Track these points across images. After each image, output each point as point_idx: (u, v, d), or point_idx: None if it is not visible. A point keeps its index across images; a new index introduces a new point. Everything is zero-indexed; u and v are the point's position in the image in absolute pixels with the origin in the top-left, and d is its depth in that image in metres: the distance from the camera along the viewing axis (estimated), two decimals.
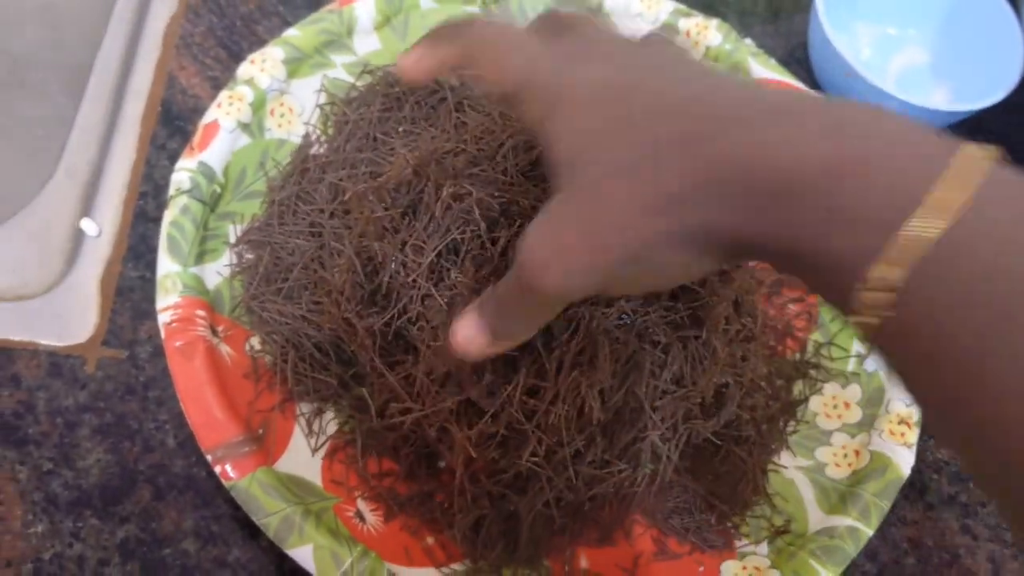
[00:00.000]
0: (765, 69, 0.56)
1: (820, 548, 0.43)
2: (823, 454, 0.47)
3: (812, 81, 0.62)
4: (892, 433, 0.47)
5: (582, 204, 0.29)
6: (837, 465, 0.47)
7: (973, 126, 0.62)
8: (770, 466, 0.47)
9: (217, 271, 0.46)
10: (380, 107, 0.50)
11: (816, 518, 0.45)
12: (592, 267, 0.29)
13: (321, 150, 0.51)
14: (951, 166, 0.23)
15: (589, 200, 0.28)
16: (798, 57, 0.64)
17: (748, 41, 0.57)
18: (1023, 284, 0.22)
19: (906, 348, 0.25)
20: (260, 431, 0.43)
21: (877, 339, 0.25)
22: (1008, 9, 0.61)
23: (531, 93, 0.32)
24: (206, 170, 0.47)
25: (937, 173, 0.23)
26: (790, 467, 0.47)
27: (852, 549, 0.43)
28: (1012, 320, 0.22)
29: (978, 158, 0.24)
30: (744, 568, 0.44)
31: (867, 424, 0.48)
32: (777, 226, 0.26)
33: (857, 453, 0.47)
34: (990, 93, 0.57)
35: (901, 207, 0.23)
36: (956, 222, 0.22)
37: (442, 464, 0.45)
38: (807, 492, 0.46)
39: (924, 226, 0.23)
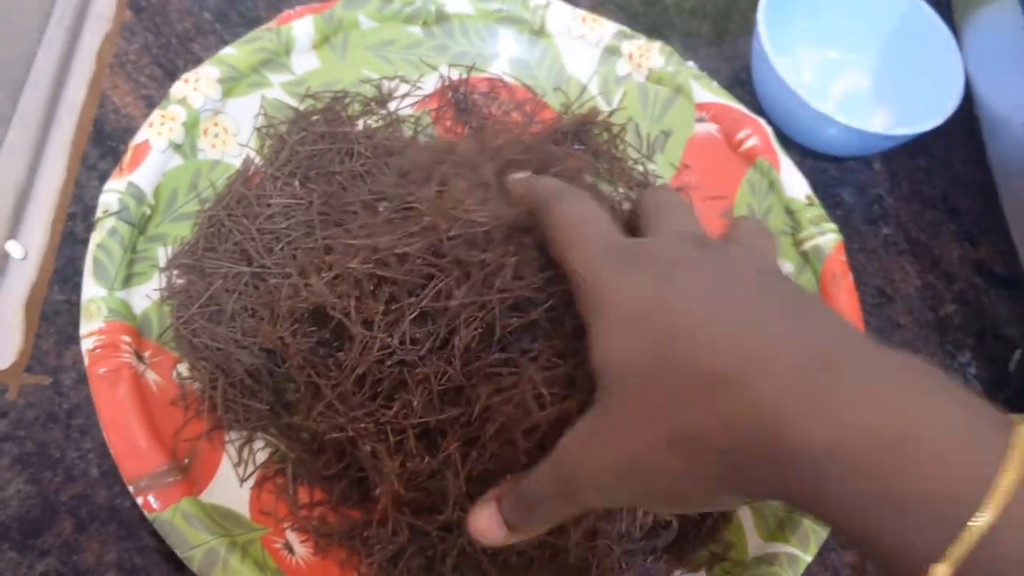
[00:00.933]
0: (707, 92, 0.56)
1: None
2: None
3: (755, 104, 0.62)
4: None
5: (617, 427, 0.29)
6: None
7: (914, 149, 0.63)
8: None
9: (146, 295, 0.45)
10: (326, 140, 0.50)
11: (754, 544, 0.45)
12: (626, 491, 0.30)
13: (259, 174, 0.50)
14: (1012, 452, 0.23)
15: (623, 425, 0.29)
16: (742, 79, 0.64)
17: (691, 64, 0.57)
18: None
19: None
20: (186, 461, 0.42)
21: None
22: (948, 35, 0.62)
23: (580, 289, 0.32)
24: (135, 191, 0.46)
25: (996, 463, 0.23)
26: None
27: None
28: None
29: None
30: None
31: None
32: (815, 502, 0.26)
33: None
34: (930, 117, 0.57)
35: (965, 503, 0.23)
36: (1004, 511, 0.22)
37: (376, 492, 0.44)
38: (746, 519, 0.46)
39: (983, 518, 0.22)
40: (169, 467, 0.40)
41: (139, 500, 0.39)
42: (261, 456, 0.44)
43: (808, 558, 0.44)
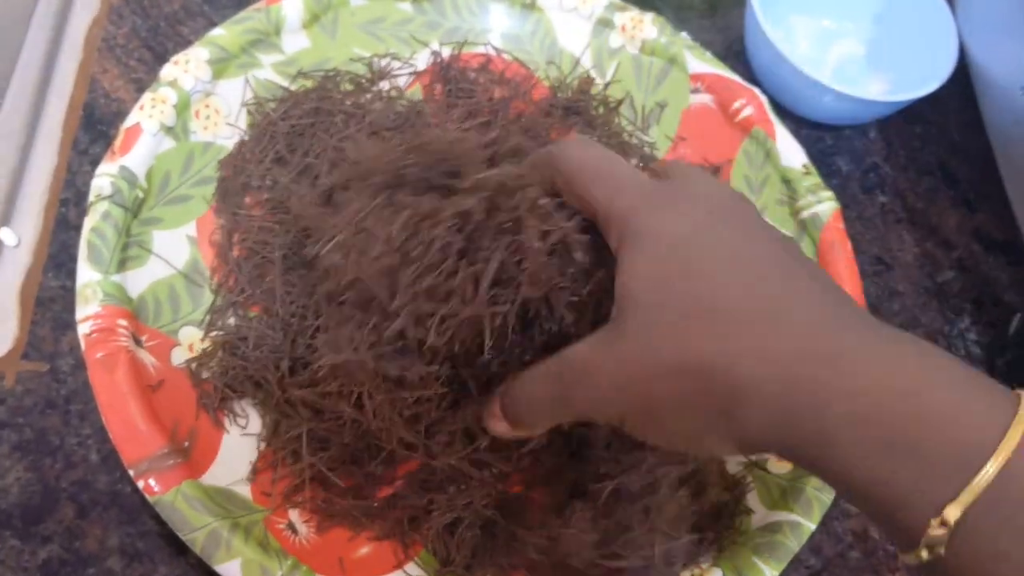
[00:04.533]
0: (701, 62, 0.56)
1: (762, 544, 0.43)
2: None
3: (750, 75, 0.61)
4: None
5: (628, 345, 0.30)
6: (779, 460, 0.46)
7: (909, 116, 0.62)
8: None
9: (140, 279, 0.45)
10: (313, 115, 0.50)
11: (758, 514, 0.45)
12: (621, 404, 0.31)
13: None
14: (1020, 415, 0.24)
15: (634, 345, 0.29)
16: (736, 51, 0.64)
17: (684, 35, 0.57)
18: None
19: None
20: (186, 443, 0.42)
21: (926, 569, 0.26)
22: (941, 1, 0.61)
23: (608, 224, 0.32)
24: (128, 175, 0.45)
25: (1006, 422, 0.24)
26: (731, 462, 0.47)
27: (794, 544, 0.43)
28: None
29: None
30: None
31: None
32: (825, 459, 0.27)
33: None
34: (925, 83, 0.57)
35: (977, 451, 0.24)
36: (1008, 465, 0.24)
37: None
38: (750, 491, 0.46)
39: (987, 473, 0.24)
40: (169, 450, 0.40)
41: (140, 484, 0.39)
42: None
43: (812, 525, 0.44)
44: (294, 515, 0.42)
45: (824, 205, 0.52)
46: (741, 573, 0.42)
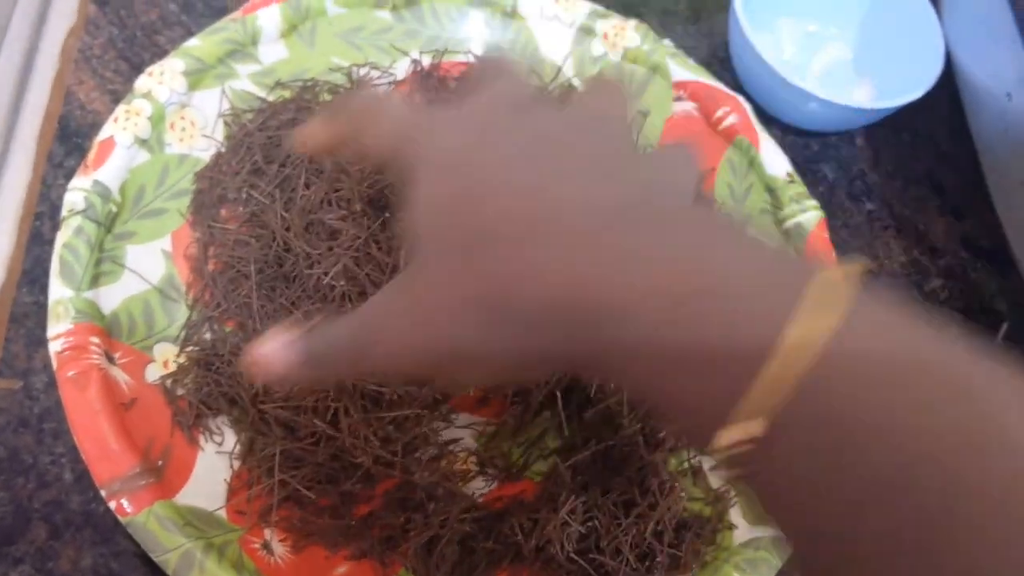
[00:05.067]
0: (684, 70, 0.55)
1: (744, 561, 0.42)
2: None
3: (734, 81, 0.61)
4: None
5: (417, 288, 0.28)
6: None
7: (896, 123, 0.62)
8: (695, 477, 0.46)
9: (114, 295, 0.44)
10: (290, 125, 0.49)
11: (741, 529, 0.44)
12: (422, 354, 0.28)
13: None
14: (805, 298, 0.22)
15: (423, 287, 0.27)
16: (720, 57, 0.63)
17: (667, 42, 0.56)
18: (859, 429, 0.21)
19: (768, 493, 0.24)
20: (160, 462, 0.41)
21: (744, 482, 0.25)
22: (928, 5, 0.61)
23: (393, 159, 0.30)
24: (101, 189, 0.45)
25: (790, 309, 0.22)
26: (713, 476, 0.46)
27: (776, 561, 0.42)
28: (842, 471, 0.21)
29: (835, 283, 0.22)
30: None
31: None
32: (620, 370, 0.25)
33: None
34: (912, 89, 0.56)
35: (755, 359, 0.22)
36: (812, 363, 0.21)
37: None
38: (734, 504, 0.45)
39: (777, 375, 0.21)
40: (142, 469, 0.39)
41: (112, 504, 0.39)
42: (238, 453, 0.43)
43: None
44: (269, 534, 0.41)
45: (808, 214, 0.52)
46: None
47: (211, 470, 0.42)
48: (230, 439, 0.43)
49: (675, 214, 0.26)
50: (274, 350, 0.30)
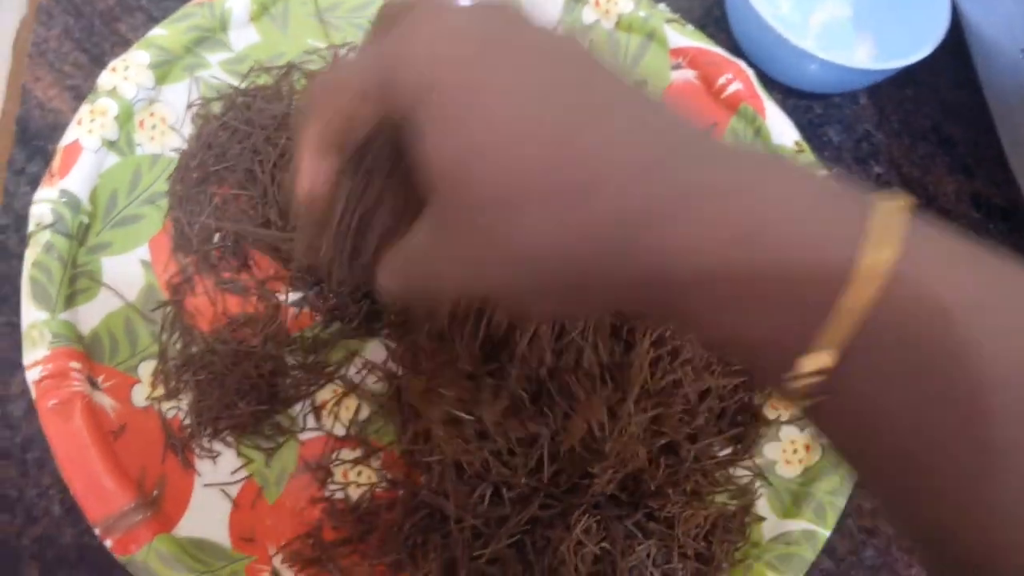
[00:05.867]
0: (682, 36, 0.52)
1: (776, 557, 0.41)
2: (772, 450, 0.45)
3: (731, 42, 0.58)
4: None
5: (453, 236, 0.26)
6: (787, 462, 0.44)
7: (900, 80, 0.59)
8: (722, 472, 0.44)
9: (92, 313, 0.41)
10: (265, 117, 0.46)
11: (770, 521, 0.43)
12: (469, 289, 0.28)
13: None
14: (871, 227, 0.21)
15: (459, 240, 0.25)
16: (716, 17, 0.60)
17: (662, 6, 0.53)
18: (943, 351, 0.21)
19: (839, 426, 0.23)
20: (155, 492, 0.39)
21: (811, 417, 0.24)
22: None
23: (390, 106, 0.26)
24: (70, 199, 0.42)
25: (857, 238, 0.21)
26: (738, 470, 0.44)
27: (810, 554, 0.41)
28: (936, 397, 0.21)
29: (894, 213, 0.22)
30: None
31: None
32: (687, 315, 0.24)
33: (807, 448, 0.44)
34: (916, 46, 0.54)
35: (828, 289, 0.21)
36: (881, 291, 0.21)
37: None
38: (759, 496, 0.44)
39: (851, 304, 0.21)
40: (137, 504, 0.37)
41: (108, 542, 0.36)
42: (239, 474, 0.41)
43: (827, 533, 0.42)
44: (277, 561, 0.39)
45: None
46: None
47: (210, 495, 0.40)
48: (227, 460, 0.41)
49: (720, 150, 0.25)
50: (381, 276, 0.30)
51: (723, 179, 0.23)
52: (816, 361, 0.22)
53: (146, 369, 0.41)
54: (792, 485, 0.43)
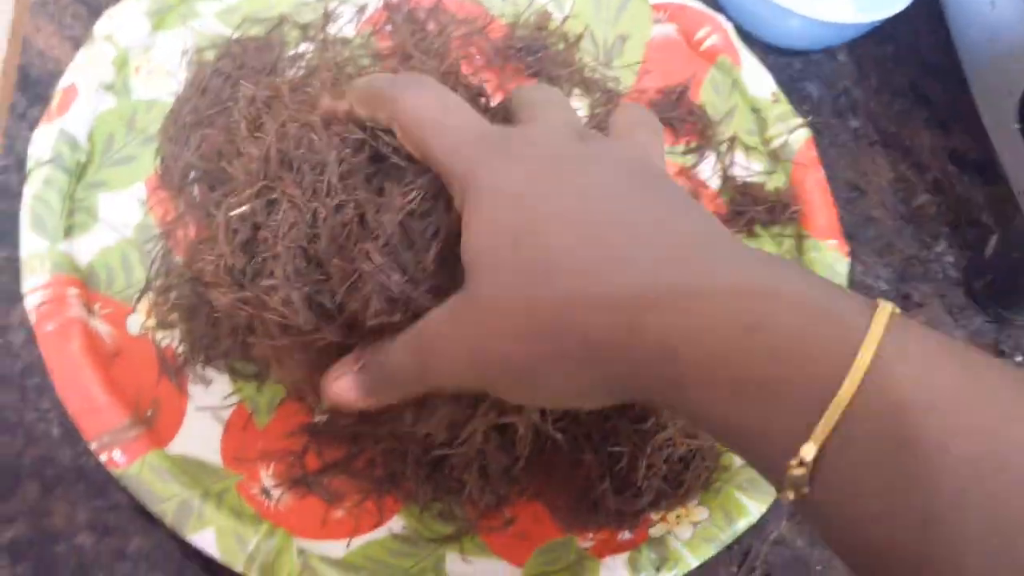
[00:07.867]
0: None
1: (747, 480, 0.42)
2: None
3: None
4: None
5: (477, 311, 0.28)
6: None
7: (879, 36, 0.61)
8: None
9: (90, 246, 0.43)
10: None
11: None
12: (480, 371, 0.29)
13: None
14: (872, 330, 0.23)
15: (483, 310, 0.28)
16: None
17: None
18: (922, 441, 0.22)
19: (819, 516, 0.24)
20: (149, 412, 0.40)
21: (798, 508, 0.25)
22: None
23: (450, 182, 0.30)
24: (68, 138, 0.43)
25: (858, 340, 0.23)
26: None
27: None
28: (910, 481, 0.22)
29: (883, 316, 0.23)
30: None
31: None
32: (683, 401, 0.26)
33: None
34: (894, 3, 0.55)
35: (826, 382, 0.23)
36: (856, 392, 0.22)
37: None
38: None
39: (838, 401, 0.22)
40: (131, 421, 0.39)
41: (102, 457, 0.38)
42: (230, 399, 0.42)
43: None
44: (267, 480, 0.41)
45: (795, 133, 0.51)
46: (727, 512, 0.41)
47: (202, 418, 0.41)
48: (219, 385, 0.42)
49: (736, 253, 0.27)
50: (344, 388, 0.32)
51: (735, 278, 0.25)
52: (801, 453, 0.23)
53: (142, 300, 0.43)
54: None
